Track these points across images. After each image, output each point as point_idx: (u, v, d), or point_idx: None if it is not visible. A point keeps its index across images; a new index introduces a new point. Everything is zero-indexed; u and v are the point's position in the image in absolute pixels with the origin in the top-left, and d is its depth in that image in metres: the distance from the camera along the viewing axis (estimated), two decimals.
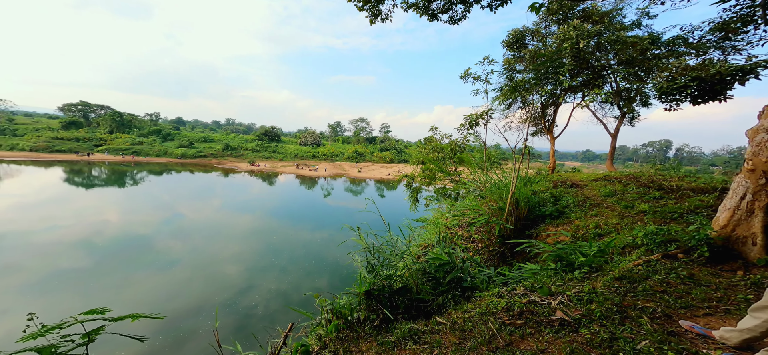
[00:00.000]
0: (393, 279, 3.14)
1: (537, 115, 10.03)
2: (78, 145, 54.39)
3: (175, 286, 12.87)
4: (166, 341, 9.30)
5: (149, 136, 63.23)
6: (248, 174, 50.65)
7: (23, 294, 11.53)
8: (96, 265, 14.51)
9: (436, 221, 8.14)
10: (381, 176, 53.74)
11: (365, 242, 3.21)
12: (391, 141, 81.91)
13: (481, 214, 5.35)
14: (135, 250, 16.70)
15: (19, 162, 44.12)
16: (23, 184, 33.15)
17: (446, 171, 9.43)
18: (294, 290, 12.99)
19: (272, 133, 74.78)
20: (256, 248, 17.95)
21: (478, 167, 8.83)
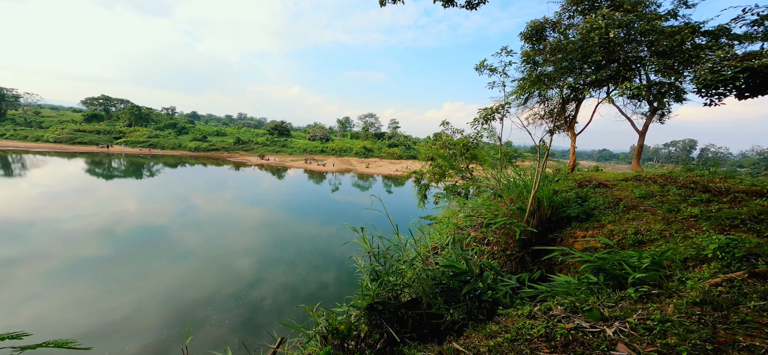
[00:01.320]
0: (400, 289, 2.73)
1: (556, 111, 9.34)
2: (99, 137, 56.22)
3: (189, 276, 12.96)
4: (179, 331, 9.28)
5: (165, 130, 64.79)
6: (258, 168, 51.21)
7: (50, 280, 11.84)
8: (115, 254, 14.78)
9: (448, 221, 7.66)
10: (389, 172, 53.31)
11: (369, 244, 2.80)
12: (399, 137, 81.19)
13: (499, 214, 4.86)
14: (152, 240, 16.98)
15: (44, 153, 45.93)
16: (49, 174, 34.47)
17: (457, 167, 8.92)
18: (301, 283, 12.84)
19: (282, 128, 75.33)
20: (265, 241, 17.95)
21: (492, 164, 8.29)
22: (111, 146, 54.61)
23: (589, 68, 7.23)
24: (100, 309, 10.18)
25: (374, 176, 50.99)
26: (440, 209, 11.92)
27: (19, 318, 9.34)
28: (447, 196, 11.09)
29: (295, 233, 19.81)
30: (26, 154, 43.53)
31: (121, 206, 23.55)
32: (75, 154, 47.57)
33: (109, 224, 19.01)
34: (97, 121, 62.09)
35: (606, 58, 7.57)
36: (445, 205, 11.76)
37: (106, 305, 10.43)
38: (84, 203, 23.50)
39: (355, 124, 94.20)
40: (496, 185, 8.21)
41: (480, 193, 9.06)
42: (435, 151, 10.95)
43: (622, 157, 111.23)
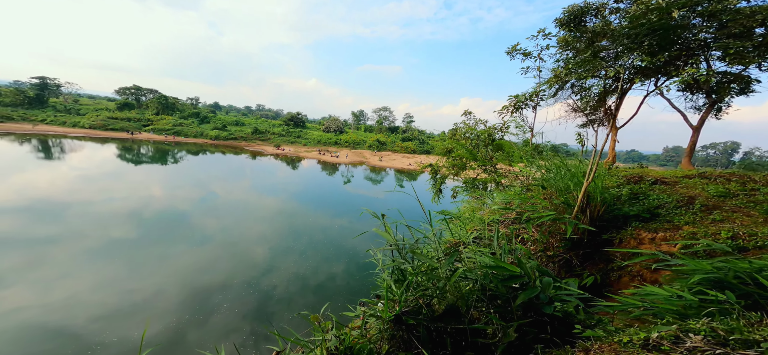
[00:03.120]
0: (433, 295, 2.12)
1: (594, 103, 8.23)
2: (129, 124, 58.79)
3: (207, 262, 13.04)
4: (195, 314, 9.27)
5: (189, 119, 66.82)
6: (273, 157, 51.87)
7: (83, 260, 12.23)
8: (142, 237, 15.15)
9: (472, 214, 6.92)
10: (402, 166, 52.47)
11: (393, 236, 2.20)
12: (413, 131, 79.76)
13: (544, 210, 4.12)
14: (174, 225, 17.32)
15: (80, 137, 48.53)
16: (85, 158, 36.36)
17: (481, 159, 8.10)
18: (311, 274, 12.62)
19: (297, 119, 75.85)
20: (278, 230, 17.89)
21: (520, 156, 7.43)
22: (139, 133, 57.02)
23: (642, 55, 6.14)
24: (125, 290, 10.36)
25: (387, 170, 50.39)
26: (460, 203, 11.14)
27: (54, 296, 9.60)
28: (467, 189, 10.31)
29: (307, 223, 19.64)
30: (64, 139, 46.12)
31: (147, 191, 24.32)
32: (107, 139, 49.96)
33: (137, 208, 19.60)
34: (128, 110, 64.90)
35: (663, 44, 6.43)
36: (464, 199, 10.98)
37: (130, 286, 10.61)
38: (116, 186, 24.46)
39: (369, 118, 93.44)
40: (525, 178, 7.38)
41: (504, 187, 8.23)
42: (455, 141, 10.13)
43: (652, 159, 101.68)
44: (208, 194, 25.48)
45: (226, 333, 8.68)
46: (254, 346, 8.30)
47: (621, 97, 8.00)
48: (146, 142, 52.58)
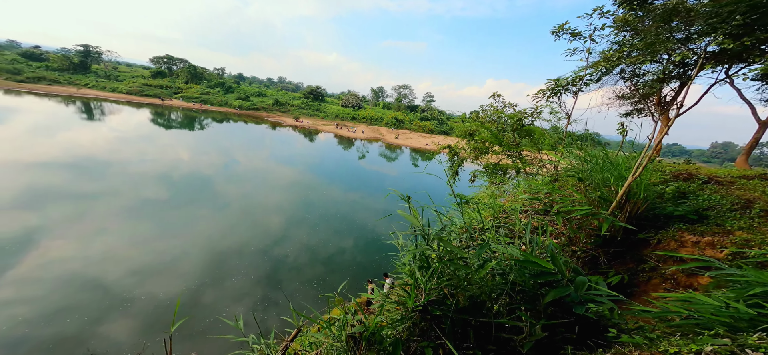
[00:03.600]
0: (461, 286, 1.96)
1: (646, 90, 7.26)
2: (161, 91, 61.16)
3: (226, 227, 13.63)
4: (213, 277, 9.80)
5: (215, 88, 68.37)
6: (292, 129, 52.49)
7: (118, 217, 13.14)
8: (171, 198, 16.08)
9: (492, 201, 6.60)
10: (418, 145, 51.48)
11: (419, 219, 2.03)
12: (433, 111, 77.20)
13: (577, 203, 3.77)
14: (199, 189, 18.17)
15: (118, 102, 51.18)
16: (122, 121, 38.49)
17: (506, 144, 7.55)
18: (322, 246, 12.88)
19: (317, 93, 75.45)
20: (293, 200, 18.30)
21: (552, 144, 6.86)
22: (170, 100, 59.22)
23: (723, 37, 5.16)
24: (154, 249, 11.02)
25: (402, 148, 49.69)
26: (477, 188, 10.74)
27: (94, 250, 10.41)
28: (486, 174, 9.84)
29: (321, 196, 19.90)
30: (104, 102, 48.81)
31: (176, 155, 25.55)
32: (142, 104, 52.36)
33: (166, 170, 20.70)
34: (161, 78, 67.32)
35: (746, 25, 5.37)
36: (481, 184, 10.55)
37: (159, 246, 11.28)
38: (148, 149, 25.86)
39: (388, 95, 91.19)
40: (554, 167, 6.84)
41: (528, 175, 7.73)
42: (479, 124, 9.51)
43: (696, 155, 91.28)
44: (230, 161, 26.40)
45: (240, 297, 9.09)
46: (264, 311, 8.64)
47: (682, 85, 7.03)
48: (176, 108, 54.68)
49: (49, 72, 54.64)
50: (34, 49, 62.72)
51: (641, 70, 6.09)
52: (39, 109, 37.01)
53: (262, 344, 2.06)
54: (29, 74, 51.02)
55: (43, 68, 55.68)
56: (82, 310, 7.92)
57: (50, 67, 57.17)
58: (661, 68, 5.98)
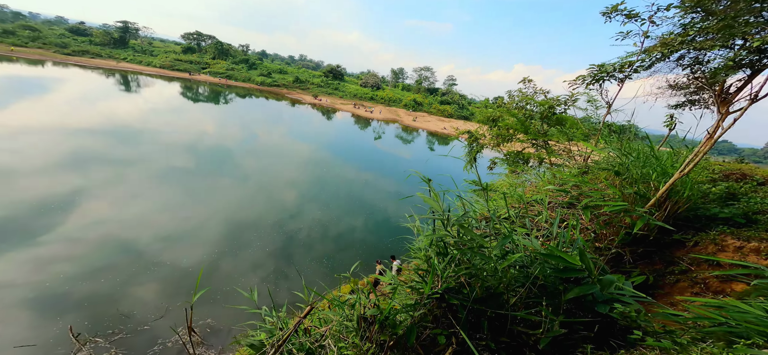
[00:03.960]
0: (479, 276, 1.82)
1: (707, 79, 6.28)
2: (190, 66, 63.21)
3: (244, 199, 14.08)
4: (230, 247, 10.15)
5: (239, 64, 69.46)
6: (311, 106, 52.67)
7: (150, 183, 13.93)
8: (196, 167, 16.82)
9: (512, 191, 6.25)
10: (435, 129, 50.08)
11: (440, 204, 1.86)
12: (454, 95, 74.19)
13: (610, 198, 3.43)
14: (222, 161, 18.83)
15: (152, 75, 53.42)
16: (155, 93, 40.31)
17: (533, 132, 6.99)
18: (333, 223, 12.98)
19: (337, 72, 74.68)
20: (307, 177, 18.50)
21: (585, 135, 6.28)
22: (198, 75, 61.05)
23: None
24: (180, 216, 11.55)
25: (419, 131, 48.59)
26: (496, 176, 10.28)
27: (127, 213, 11.08)
28: (507, 162, 9.32)
29: (335, 174, 19.97)
30: (140, 75, 51.11)
31: (202, 127, 26.53)
32: (173, 78, 54.38)
33: (193, 141, 21.61)
34: (190, 53, 69.49)
35: None
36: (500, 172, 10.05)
37: (185, 213, 11.81)
38: (177, 120, 27.05)
39: (408, 76, 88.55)
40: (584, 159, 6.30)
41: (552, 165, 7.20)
42: (505, 109, 8.88)
43: (747, 153, 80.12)
44: (251, 135, 27.07)
45: (254, 268, 9.35)
46: (276, 283, 8.83)
47: (754, 74, 6.04)
48: (203, 83, 56.37)
49: (92, 46, 58.17)
50: (79, 25, 67.46)
51: (705, 57, 5.26)
52: (82, 80, 39.49)
53: (274, 317, 2.06)
54: (75, 48, 54.40)
55: (87, 43, 59.31)
56: (115, 271, 8.33)
57: (93, 41, 60.89)
58: (730, 55, 5.12)
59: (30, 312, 6.85)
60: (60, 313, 6.92)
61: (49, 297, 7.25)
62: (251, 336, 2.07)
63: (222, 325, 6.90)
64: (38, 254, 8.40)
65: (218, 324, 6.90)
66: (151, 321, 6.75)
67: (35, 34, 53.68)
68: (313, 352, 1.60)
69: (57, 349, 6.06)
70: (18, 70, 36.85)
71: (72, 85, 34.84)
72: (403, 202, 16.40)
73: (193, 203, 12.87)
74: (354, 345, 1.49)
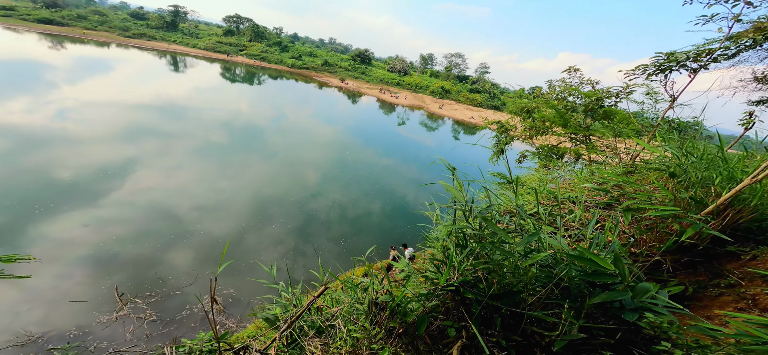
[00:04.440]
0: (498, 271, 1.69)
1: None
2: (229, 48, 66.28)
3: (271, 176, 14.68)
4: (255, 221, 10.64)
5: (273, 47, 71.37)
6: (337, 89, 52.93)
7: (191, 155, 15.08)
8: (230, 144, 17.86)
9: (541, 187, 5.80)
10: (462, 118, 48.04)
11: (464, 194, 1.73)
12: (485, 83, 70.10)
13: (659, 202, 3.02)
14: (254, 138, 19.80)
15: (196, 57, 56.96)
16: (198, 73, 42.99)
17: (573, 126, 6.32)
18: (351, 205, 13.09)
19: (364, 56, 73.89)
20: (330, 158, 18.79)
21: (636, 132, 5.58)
22: (235, 56, 63.89)
23: None
24: (215, 188, 12.31)
25: (445, 119, 46.95)
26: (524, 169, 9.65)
27: (171, 182, 12.05)
28: (539, 157, 8.65)
29: (356, 157, 20.04)
30: (186, 57, 54.68)
31: (237, 106, 27.94)
32: (214, 60, 57.51)
33: (228, 119, 22.89)
34: (230, 36, 72.67)
35: None
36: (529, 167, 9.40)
37: (219, 186, 12.57)
38: (216, 99, 28.75)
39: (438, 62, 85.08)
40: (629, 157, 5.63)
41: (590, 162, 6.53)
42: (543, 100, 8.12)
43: None
44: (280, 115, 28.00)
45: (275, 244, 9.67)
46: (293, 260, 9.06)
47: None
48: (240, 64, 58.94)
49: (149, 30, 63.13)
50: (138, 10, 73.71)
51: None
52: (140, 60, 43.13)
53: (290, 293, 2.11)
54: (134, 31, 59.27)
55: (145, 26, 64.67)
56: (157, 236, 8.83)
57: (150, 24, 66.36)
58: None
59: (85, 269, 7.35)
60: (109, 273, 7.36)
61: (102, 257, 7.77)
62: (267, 310, 2.15)
63: (242, 296, 7.19)
64: (97, 216, 9.25)
65: (239, 295, 7.21)
66: (182, 287, 7.13)
67: (103, 19, 59.41)
68: (324, 330, 1.61)
69: (103, 306, 6.40)
70: (88, 51, 41.15)
71: (131, 65, 38.28)
72: (422, 190, 16.17)
73: (226, 176, 13.63)
74: (363, 328, 1.47)
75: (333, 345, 1.46)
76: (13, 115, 15.23)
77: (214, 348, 1.58)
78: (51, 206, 9.14)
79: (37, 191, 9.78)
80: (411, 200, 14.95)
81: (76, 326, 5.99)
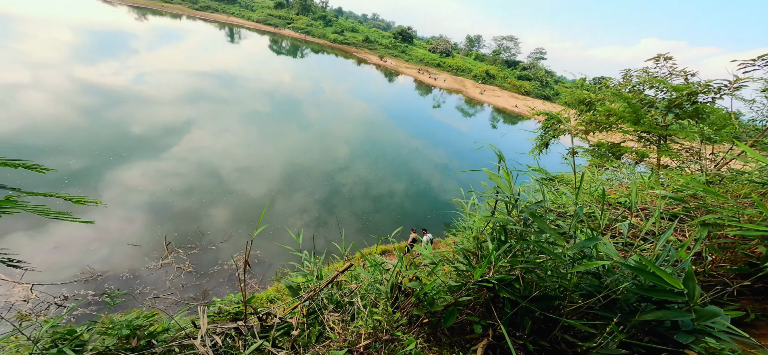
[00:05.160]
0: (543, 276, 1.47)
1: None
2: (278, 20, 68.36)
3: (304, 145, 15.20)
4: (285, 188, 11.08)
5: (318, 20, 71.84)
6: (375, 67, 52.04)
7: (237, 120, 16.22)
8: (271, 112, 18.83)
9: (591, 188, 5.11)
10: (504, 106, 44.37)
11: (512, 186, 1.49)
12: (539, 70, 63.11)
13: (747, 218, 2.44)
14: (292, 109, 20.61)
15: (249, 29, 59.92)
16: (250, 44, 45.41)
17: (649, 124, 5.29)
18: (375, 183, 12.99)
19: (406, 34, 70.87)
20: (360, 135, 18.82)
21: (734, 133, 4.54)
22: (282, 29, 65.82)
23: None
24: (254, 153, 13.09)
25: (484, 105, 43.81)
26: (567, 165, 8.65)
27: (217, 145, 13.02)
28: (592, 154, 7.60)
29: (386, 136, 19.78)
30: (241, 29, 57.78)
31: (280, 77, 29.11)
32: (264, 32, 60.04)
33: (271, 89, 24.03)
34: (280, 8, 74.57)
35: None
36: (580, 164, 8.35)
37: (257, 151, 13.34)
38: (262, 70, 30.25)
39: (485, 45, 78.48)
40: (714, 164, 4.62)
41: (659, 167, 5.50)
42: (611, 91, 6.94)
43: None
44: (318, 89, 28.56)
45: (300, 211, 9.95)
46: (315, 229, 9.24)
47: None
48: (286, 37, 60.77)
49: (212, 2, 66.47)
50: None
51: None
52: (203, 31, 46.75)
53: (312, 263, 2.12)
54: (201, 4, 63.25)
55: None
56: (202, 192, 9.39)
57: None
58: None
59: (144, 216, 7.93)
60: (161, 221, 7.84)
61: (157, 206, 8.37)
62: (289, 276, 2.19)
63: (266, 257, 7.49)
64: (158, 168, 10.16)
65: (264, 256, 7.52)
66: (217, 243, 7.58)
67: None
68: (342, 306, 1.57)
69: (152, 252, 6.83)
70: (164, 23, 45.59)
71: (196, 35, 41.75)
72: (449, 176, 15.59)
73: (266, 142, 14.48)
74: (384, 311, 1.39)
75: (353, 324, 1.41)
76: (104, 76, 17.68)
77: (241, 311, 1.65)
78: (123, 156, 10.51)
79: (115, 141, 11.30)
80: (435, 185, 14.50)
81: (129, 268, 6.37)
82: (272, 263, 7.37)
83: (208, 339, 1.27)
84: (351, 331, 1.39)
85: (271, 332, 1.41)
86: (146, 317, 1.50)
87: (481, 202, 2.18)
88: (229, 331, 1.42)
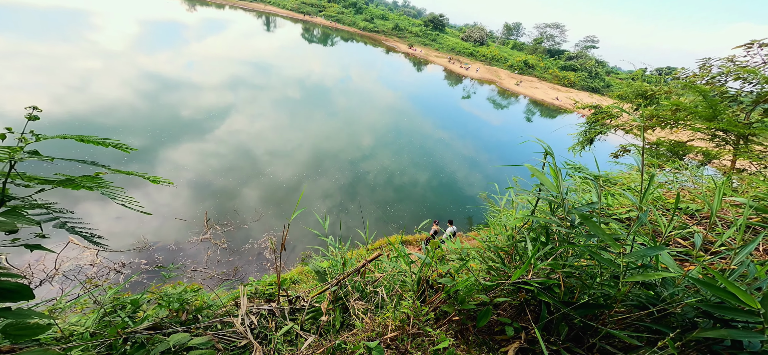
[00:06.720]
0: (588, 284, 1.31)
1: None
2: (310, 9, 69.10)
3: (331, 132, 15.50)
4: (311, 171, 11.42)
5: (348, 8, 71.42)
6: (404, 55, 50.88)
7: (269, 107, 16.97)
8: (301, 99, 19.44)
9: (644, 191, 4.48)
10: (543, 98, 41.00)
11: (559, 185, 1.33)
12: (588, 60, 56.59)
13: None
14: (320, 96, 21.09)
15: (284, 17, 61.79)
16: (284, 33, 46.88)
17: (728, 122, 4.47)
18: (398, 173, 12.85)
19: (437, 22, 67.67)
20: (386, 123, 18.68)
21: None
22: (314, 17, 66.68)
23: None
24: (285, 137, 13.66)
25: (519, 97, 40.86)
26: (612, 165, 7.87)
27: (252, 129, 13.79)
28: (649, 153, 6.71)
29: (411, 126, 19.40)
30: (277, 17, 59.75)
31: (310, 65, 29.75)
32: (297, 20, 61.51)
33: (302, 76, 24.72)
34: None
35: None
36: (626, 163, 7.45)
37: (288, 135, 13.89)
38: (294, 57, 31.15)
39: (525, 33, 72.45)
40: None
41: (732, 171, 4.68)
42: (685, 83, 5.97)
43: None
44: (346, 77, 28.73)
45: (325, 197, 10.18)
46: (338, 215, 9.37)
47: None
48: (318, 25, 61.63)
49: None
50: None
51: None
52: (242, 20, 49.20)
53: (338, 249, 2.14)
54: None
55: None
56: (238, 172, 9.84)
57: None
58: None
59: (189, 192, 8.51)
60: (203, 198, 8.39)
61: (201, 183, 8.97)
62: (314, 261, 2.24)
63: (291, 239, 7.70)
64: (202, 148, 11.22)
65: (289, 238, 7.71)
66: (250, 222, 7.97)
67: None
68: (366, 295, 1.56)
69: (194, 227, 7.30)
70: (210, 13, 48.73)
71: (237, 25, 44.24)
72: (475, 170, 14.98)
73: (294, 127, 15.02)
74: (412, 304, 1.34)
75: (380, 315, 1.39)
76: (159, 64, 19.49)
77: (274, 293, 1.71)
78: (174, 136, 11.57)
79: (167, 123, 12.47)
80: (460, 178, 14.00)
81: (175, 241, 6.81)
82: (296, 246, 7.62)
83: (247, 319, 1.33)
84: (378, 322, 1.37)
85: (299, 314, 1.44)
86: (193, 290, 1.62)
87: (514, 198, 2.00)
88: (263, 311, 1.49)
